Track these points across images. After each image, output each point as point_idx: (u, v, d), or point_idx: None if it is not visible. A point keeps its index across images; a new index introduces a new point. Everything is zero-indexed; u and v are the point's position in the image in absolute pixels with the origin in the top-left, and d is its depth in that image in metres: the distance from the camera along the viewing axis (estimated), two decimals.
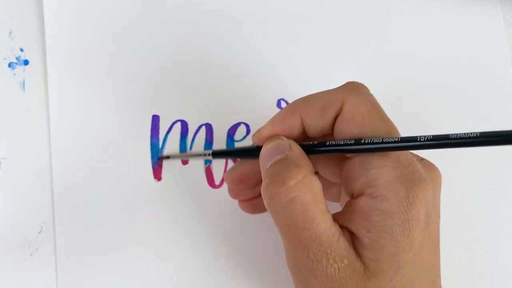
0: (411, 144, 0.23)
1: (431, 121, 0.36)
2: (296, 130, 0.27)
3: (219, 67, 0.35)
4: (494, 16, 0.38)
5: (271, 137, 0.27)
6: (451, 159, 0.34)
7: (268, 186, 0.25)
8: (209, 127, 0.34)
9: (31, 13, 0.35)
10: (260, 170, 0.27)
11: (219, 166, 0.34)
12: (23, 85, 0.34)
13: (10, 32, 0.34)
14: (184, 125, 0.34)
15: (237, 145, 0.34)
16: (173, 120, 0.34)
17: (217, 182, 0.34)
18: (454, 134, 0.22)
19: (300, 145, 0.26)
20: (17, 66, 0.34)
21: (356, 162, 0.25)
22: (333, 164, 0.28)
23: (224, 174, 0.34)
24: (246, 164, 0.29)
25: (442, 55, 0.37)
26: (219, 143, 0.34)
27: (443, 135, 0.23)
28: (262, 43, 0.36)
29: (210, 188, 0.34)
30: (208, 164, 0.34)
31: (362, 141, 0.25)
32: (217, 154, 0.31)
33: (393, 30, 0.37)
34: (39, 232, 0.32)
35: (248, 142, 0.34)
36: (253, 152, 0.28)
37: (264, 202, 0.25)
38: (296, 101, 0.27)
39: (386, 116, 0.26)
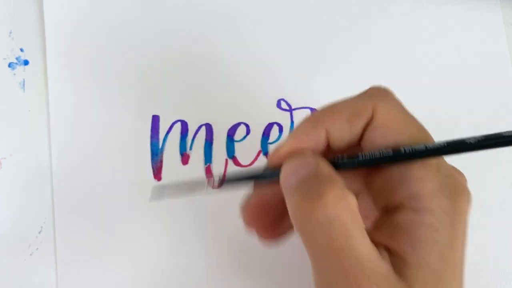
0: (459, 147, 0.22)
1: (431, 121, 0.36)
2: (320, 144, 0.24)
3: (219, 67, 0.35)
4: (494, 16, 0.38)
5: (291, 154, 0.23)
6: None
7: (302, 204, 0.21)
8: (209, 127, 0.34)
9: (31, 13, 0.35)
10: (281, 196, 0.23)
11: (219, 166, 0.34)
12: (23, 85, 0.34)
13: (10, 32, 0.34)
14: (184, 125, 0.34)
15: (237, 145, 0.34)
16: (173, 120, 0.34)
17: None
18: (508, 132, 0.20)
19: (328, 160, 0.23)
20: (17, 66, 0.34)
21: (392, 173, 0.23)
22: (357, 174, 0.25)
23: (225, 172, 0.34)
24: (261, 192, 0.25)
25: (441, 55, 0.37)
26: (219, 143, 0.34)
27: (494, 134, 0.21)
28: (262, 43, 0.36)
29: (210, 188, 0.34)
30: (208, 164, 0.34)
31: (402, 150, 0.22)
32: (227, 181, 0.25)
33: (393, 30, 0.37)
34: (39, 232, 0.32)
35: (248, 142, 0.34)
36: (271, 174, 0.24)
37: (294, 224, 0.22)
38: (319, 111, 0.24)
39: (420, 122, 0.24)
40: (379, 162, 0.23)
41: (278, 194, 0.23)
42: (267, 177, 0.24)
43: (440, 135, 0.23)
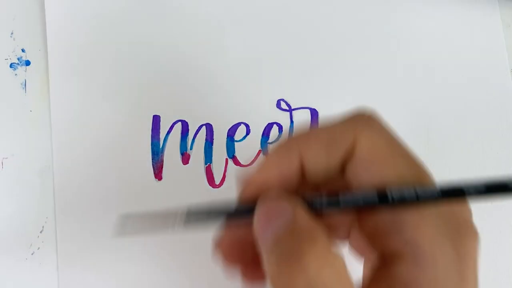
0: (455, 197, 0.19)
1: (430, 121, 0.36)
2: (294, 175, 0.21)
3: (219, 67, 0.35)
4: (492, 16, 0.38)
5: (265, 191, 0.20)
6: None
7: (279, 269, 0.18)
8: (209, 127, 0.34)
9: (33, 14, 0.35)
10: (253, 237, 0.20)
11: (219, 166, 0.34)
12: (25, 85, 0.34)
13: (12, 33, 0.34)
14: (185, 125, 0.34)
15: (237, 145, 0.34)
16: (174, 120, 0.34)
17: (217, 182, 0.34)
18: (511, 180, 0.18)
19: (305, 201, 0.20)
20: (19, 67, 0.34)
21: (384, 215, 0.20)
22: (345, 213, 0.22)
23: (225, 172, 0.34)
24: (234, 231, 0.22)
25: (440, 55, 0.37)
26: (219, 143, 0.34)
27: (498, 182, 0.18)
28: (262, 43, 0.36)
29: (210, 188, 0.34)
30: (208, 164, 0.34)
31: (388, 195, 0.19)
32: (191, 219, 0.22)
33: (393, 30, 0.37)
34: (41, 232, 0.32)
35: (248, 142, 0.34)
36: (243, 211, 0.21)
37: None
38: (293, 137, 0.21)
39: (412, 155, 0.20)
40: (363, 207, 0.20)
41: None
42: (240, 215, 0.21)
43: (439, 135, 0.22)
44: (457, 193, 0.19)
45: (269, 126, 0.35)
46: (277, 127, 0.35)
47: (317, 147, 0.20)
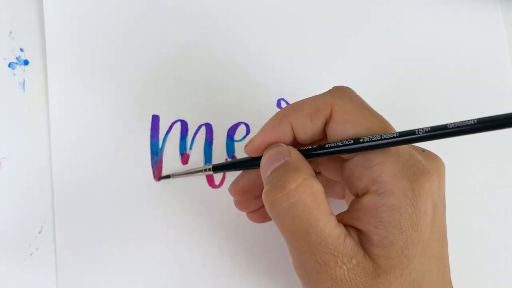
0: (410, 137, 0.23)
1: (430, 121, 0.36)
2: (287, 138, 0.27)
3: (219, 67, 0.35)
4: (494, 16, 0.38)
5: (270, 145, 0.27)
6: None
7: (268, 192, 0.25)
8: (209, 127, 0.34)
9: (31, 13, 0.35)
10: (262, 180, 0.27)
11: None
12: (23, 85, 0.34)
13: (10, 32, 0.34)
14: (184, 125, 0.34)
15: (237, 145, 0.34)
16: (173, 120, 0.34)
17: (217, 182, 0.34)
18: (452, 124, 0.22)
19: (300, 150, 0.26)
20: (17, 66, 0.34)
21: (357, 162, 0.25)
22: (335, 165, 0.28)
23: (224, 177, 0.34)
24: (249, 175, 0.29)
25: (442, 55, 0.37)
26: (219, 143, 0.34)
27: (441, 126, 0.23)
28: (262, 43, 0.36)
29: (210, 188, 0.34)
30: (208, 164, 0.34)
31: (361, 140, 0.24)
32: (218, 168, 0.31)
33: (394, 30, 0.37)
34: (39, 232, 0.32)
35: None
36: (253, 162, 0.28)
37: (266, 208, 0.25)
38: (284, 109, 0.27)
39: (378, 114, 0.26)
40: (343, 151, 0.25)
41: (260, 178, 0.27)
42: (251, 165, 0.29)
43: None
44: (411, 135, 0.23)
45: None
46: None
47: (303, 116, 0.26)
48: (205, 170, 0.31)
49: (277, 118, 0.27)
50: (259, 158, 0.27)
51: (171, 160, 0.34)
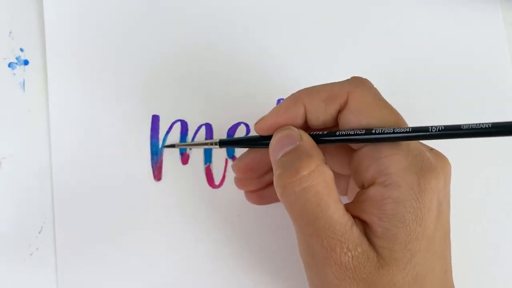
0: (422, 134, 0.24)
1: (430, 121, 0.36)
2: (299, 120, 0.27)
3: (219, 67, 0.35)
4: (494, 16, 0.38)
5: (280, 127, 0.27)
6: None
7: (281, 176, 0.25)
8: (209, 127, 0.34)
9: (31, 13, 0.35)
10: (268, 160, 0.27)
11: (219, 166, 0.34)
12: (23, 85, 0.34)
13: (10, 32, 0.34)
14: (184, 125, 0.34)
15: None
16: (173, 120, 0.34)
17: (217, 182, 0.34)
18: (466, 125, 0.22)
19: (310, 134, 0.26)
20: (17, 66, 0.34)
21: (366, 152, 0.25)
22: (342, 156, 0.29)
23: (225, 172, 0.34)
24: (254, 153, 0.30)
25: (441, 55, 0.37)
26: None
27: (454, 126, 0.23)
28: (262, 43, 0.36)
29: (210, 188, 0.34)
30: (208, 164, 0.34)
31: (373, 131, 0.25)
32: (224, 143, 0.31)
33: (393, 30, 0.37)
34: (39, 232, 0.32)
35: None
36: (261, 141, 0.28)
37: (277, 192, 0.25)
38: (300, 91, 0.27)
39: (393, 107, 0.26)
40: (353, 140, 0.25)
41: (266, 158, 0.27)
42: (258, 144, 0.29)
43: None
44: (424, 130, 0.23)
45: None
46: None
47: (318, 99, 0.26)
48: (212, 144, 0.31)
49: (292, 99, 0.27)
50: (268, 137, 0.27)
51: (171, 160, 0.34)
